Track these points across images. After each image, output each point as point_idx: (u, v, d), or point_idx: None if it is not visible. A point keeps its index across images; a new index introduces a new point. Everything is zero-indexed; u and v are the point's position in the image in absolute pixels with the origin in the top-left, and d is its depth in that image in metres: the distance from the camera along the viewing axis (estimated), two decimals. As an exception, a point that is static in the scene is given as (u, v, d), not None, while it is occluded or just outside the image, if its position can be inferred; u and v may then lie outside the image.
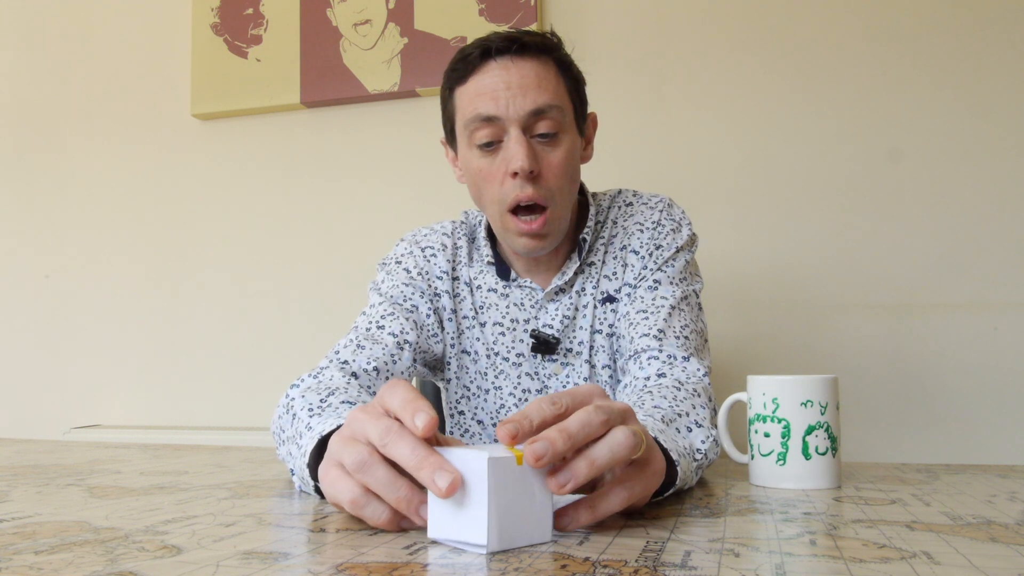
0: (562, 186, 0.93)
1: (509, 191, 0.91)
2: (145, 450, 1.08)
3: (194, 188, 2.02)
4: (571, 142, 0.94)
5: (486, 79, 0.90)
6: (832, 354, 1.59)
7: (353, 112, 1.91)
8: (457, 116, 0.95)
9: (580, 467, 0.48)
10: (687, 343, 0.91)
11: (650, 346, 0.91)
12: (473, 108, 0.91)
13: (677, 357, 0.89)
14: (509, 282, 1.02)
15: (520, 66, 0.90)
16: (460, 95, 0.94)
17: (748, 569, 0.42)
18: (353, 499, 0.52)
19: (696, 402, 0.78)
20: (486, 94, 0.90)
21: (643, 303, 0.96)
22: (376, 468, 0.50)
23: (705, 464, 0.73)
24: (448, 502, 0.47)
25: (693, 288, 0.99)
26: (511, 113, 0.89)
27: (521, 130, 0.90)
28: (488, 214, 0.97)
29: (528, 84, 0.90)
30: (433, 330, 1.00)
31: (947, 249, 1.55)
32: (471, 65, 0.92)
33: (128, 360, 2.03)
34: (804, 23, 1.64)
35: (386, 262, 1.06)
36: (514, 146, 0.89)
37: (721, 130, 1.68)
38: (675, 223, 1.02)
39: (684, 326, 0.93)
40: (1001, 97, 1.54)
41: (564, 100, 0.93)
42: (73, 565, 0.43)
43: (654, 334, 0.91)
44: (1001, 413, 1.51)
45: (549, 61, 0.92)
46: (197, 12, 1.99)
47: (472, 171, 0.95)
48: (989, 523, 0.55)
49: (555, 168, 0.91)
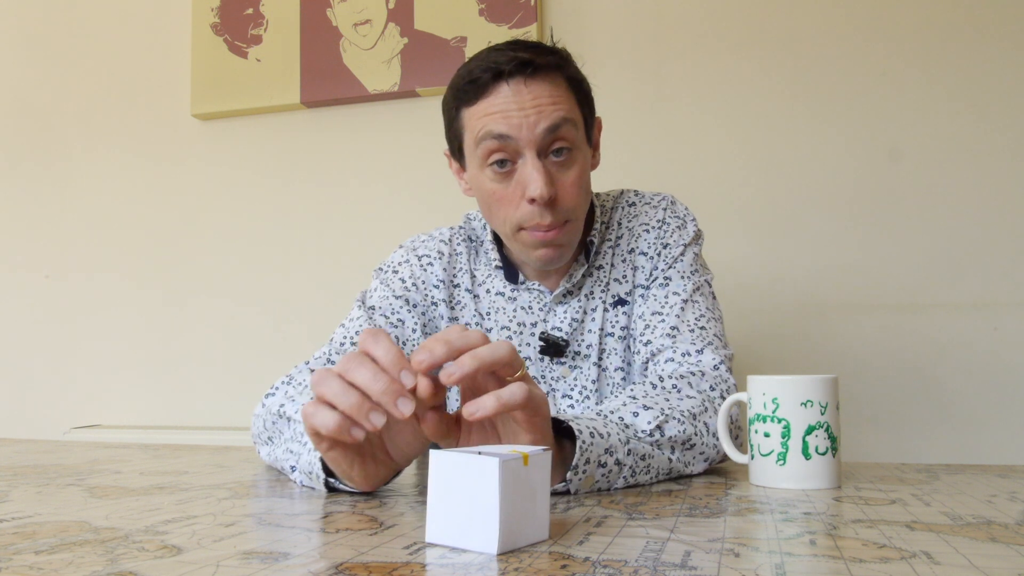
0: (577, 203, 0.92)
1: (526, 217, 0.90)
2: (145, 450, 1.08)
3: (194, 188, 2.02)
4: (584, 157, 0.93)
5: (498, 101, 0.88)
6: (832, 354, 1.59)
7: (353, 112, 1.91)
8: (466, 135, 0.93)
9: (487, 400, 0.56)
10: (703, 334, 0.91)
11: (665, 346, 0.91)
12: (485, 128, 0.89)
13: (691, 352, 0.89)
14: (517, 285, 1.01)
15: (532, 88, 0.88)
16: (469, 115, 0.91)
17: (748, 569, 0.42)
18: (305, 410, 0.57)
19: (671, 395, 0.81)
20: (498, 114, 0.88)
21: (656, 302, 0.96)
22: (331, 380, 0.56)
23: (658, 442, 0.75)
24: (451, 504, 0.47)
25: (705, 278, 0.99)
26: (525, 135, 0.88)
27: (536, 153, 0.88)
28: (501, 231, 0.96)
29: (542, 104, 0.88)
30: (416, 345, 0.99)
31: (947, 249, 1.55)
32: (482, 88, 0.89)
33: (128, 360, 2.03)
34: (805, 23, 1.64)
35: (383, 269, 1.05)
36: (531, 171, 0.88)
37: (721, 130, 1.68)
38: (680, 220, 1.02)
39: (699, 316, 0.94)
40: (1001, 97, 1.54)
41: (576, 114, 0.92)
42: (73, 565, 0.43)
43: (668, 332, 0.92)
44: (1001, 413, 1.51)
45: (560, 77, 0.91)
46: (197, 12, 1.99)
47: (485, 192, 0.93)
48: (989, 523, 0.55)
49: (570, 189, 0.91)
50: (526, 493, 0.47)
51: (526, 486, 0.47)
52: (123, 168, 2.07)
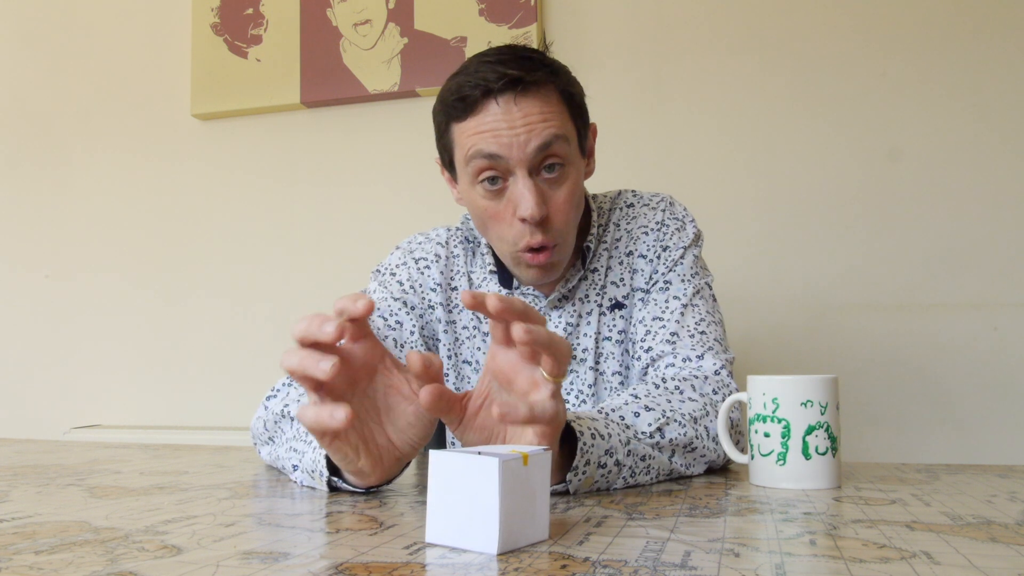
0: (569, 220, 0.92)
1: (519, 236, 0.90)
2: (145, 450, 1.08)
3: (194, 188, 2.02)
4: (576, 172, 0.92)
5: (487, 119, 0.86)
6: (832, 354, 1.59)
7: (353, 112, 1.91)
8: (456, 150, 0.91)
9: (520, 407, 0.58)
10: (703, 339, 0.91)
11: (665, 351, 0.91)
12: (475, 147, 0.87)
13: (691, 357, 0.89)
14: (512, 291, 1.01)
15: (523, 105, 0.86)
16: (459, 132, 0.90)
17: (748, 569, 0.42)
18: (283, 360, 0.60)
19: (674, 396, 0.81)
20: (487, 133, 0.86)
21: (656, 307, 0.95)
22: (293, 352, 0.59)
23: (659, 444, 0.75)
24: (451, 504, 0.47)
25: (705, 281, 0.98)
26: (516, 154, 0.86)
27: (527, 171, 0.87)
28: (494, 246, 0.96)
29: (532, 122, 0.86)
30: (414, 347, 0.99)
31: (947, 249, 1.55)
32: (471, 105, 0.87)
33: (128, 360, 2.03)
34: (804, 24, 1.64)
35: (380, 271, 1.05)
36: (522, 191, 0.87)
37: (721, 130, 1.68)
38: (679, 221, 1.01)
39: (699, 321, 0.93)
40: (1001, 97, 1.54)
41: (568, 128, 0.90)
42: (73, 565, 0.43)
43: (668, 338, 0.91)
44: (1001, 413, 1.51)
45: (551, 91, 0.89)
46: (197, 12, 1.99)
47: (477, 208, 0.92)
48: (989, 523, 0.55)
49: (562, 206, 0.90)
50: (526, 493, 0.47)
51: (526, 486, 0.47)
52: (123, 168, 2.07)
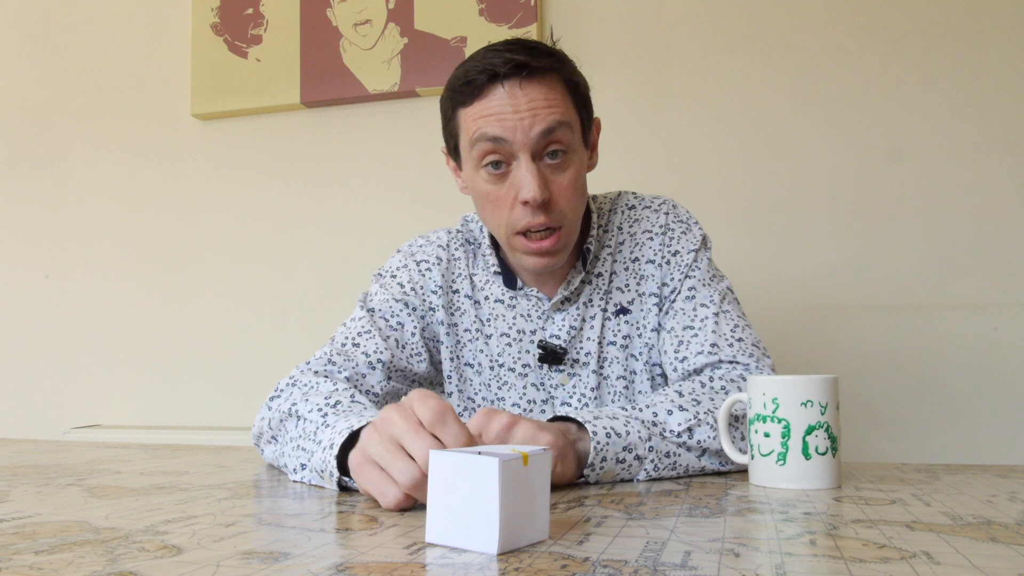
0: (573, 206, 0.92)
1: (519, 218, 0.90)
2: (145, 450, 1.08)
3: (194, 188, 2.02)
4: (579, 160, 0.93)
5: (493, 103, 0.88)
6: (832, 354, 1.59)
7: (353, 112, 1.91)
8: (462, 135, 0.93)
9: None
10: (742, 346, 0.91)
11: (708, 363, 0.90)
12: (480, 130, 0.89)
13: (737, 364, 0.90)
14: (516, 291, 1.01)
15: (528, 90, 0.87)
16: (465, 116, 0.91)
17: (748, 569, 0.42)
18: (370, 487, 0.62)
19: (717, 396, 0.83)
20: (492, 116, 0.88)
21: (686, 316, 0.95)
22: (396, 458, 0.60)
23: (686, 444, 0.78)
24: (451, 503, 0.47)
25: (726, 284, 0.99)
26: (519, 137, 0.87)
27: (531, 156, 0.88)
28: (495, 233, 0.96)
29: (537, 107, 0.87)
30: (416, 349, 1.00)
31: (947, 249, 1.55)
32: (477, 89, 0.89)
33: (128, 360, 2.03)
34: (805, 23, 1.64)
35: (381, 274, 1.05)
36: (524, 174, 0.88)
37: (721, 130, 1.68)
38: (683, 224, 1.01)
39: (734, 328, 0.93)
40: (1001, 97, 1.54)
41: (572, 116, 0.91)
42: (73, 565, 0.43)
43: (708, 350, 0.91)
44: (1001, 413, 1.51)
45: (556, 79, 0.90)
46: (197, 12, 1.99)
47: (480, 192, 0.93)
48: (989, 523, 0.55)
49: (565, 191, 0.90)
50: (526, 493, 0.47)
51: (526, 486, 0.47)
52: (123, 168, 2.07)
